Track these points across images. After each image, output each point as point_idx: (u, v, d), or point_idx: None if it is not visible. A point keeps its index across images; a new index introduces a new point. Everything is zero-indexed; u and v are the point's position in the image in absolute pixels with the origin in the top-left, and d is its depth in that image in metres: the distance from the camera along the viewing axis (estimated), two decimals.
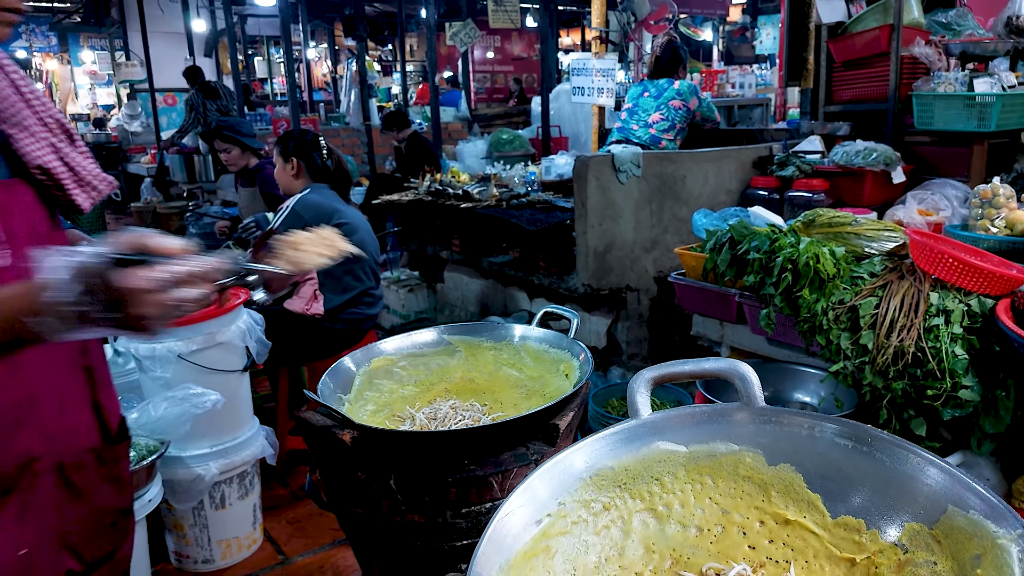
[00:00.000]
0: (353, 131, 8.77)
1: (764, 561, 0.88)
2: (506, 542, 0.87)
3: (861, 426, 0.87)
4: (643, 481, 0.96)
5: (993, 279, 2.03)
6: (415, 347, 1.76)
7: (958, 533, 0.76)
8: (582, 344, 1.62)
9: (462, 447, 1.33)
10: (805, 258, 2.22)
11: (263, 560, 2.76)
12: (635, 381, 1.02)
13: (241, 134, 4.30)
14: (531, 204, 3.86)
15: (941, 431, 2.16)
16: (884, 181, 3.44)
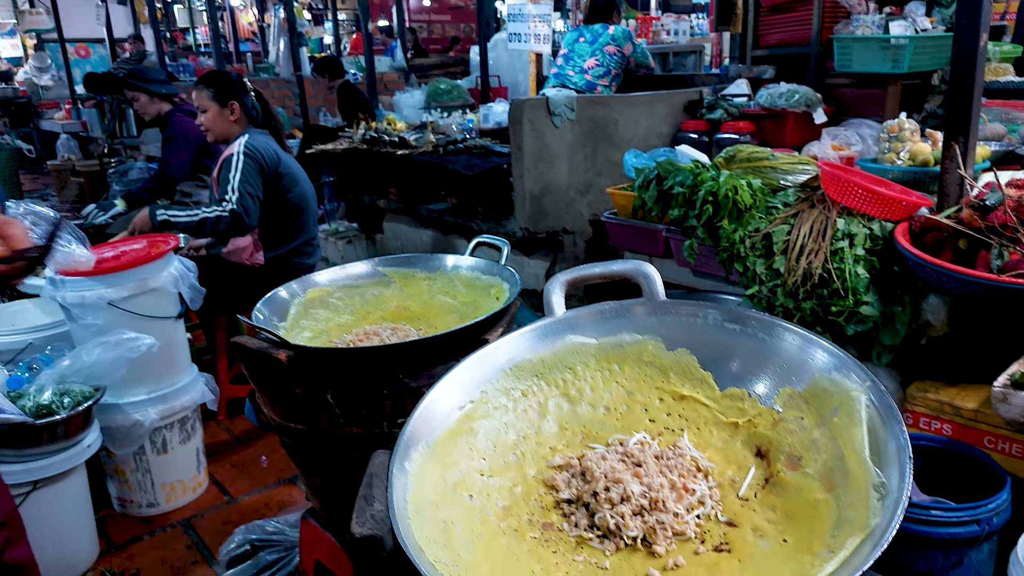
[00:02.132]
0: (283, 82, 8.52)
1: (662, 431, 0.99)
2: (431, 424, 0.95)
3: (740, 311, 0.98)
4: (558, 370, 1.05)
5: (893, 204, 2.19)
6: (350, 279, 1.81)
7: (822, 393, 0.88)
8: (512, 269, 1.70)
9: (396, 362, 1.41)
10: (725, 190, 2.35)
11: (209, 501, 2.81)
12: (551, 284, 1.10)
13: (146, 80, 4.14)
14: (468, 150, 3.89)
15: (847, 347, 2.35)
16: (806, 122, 3.60)
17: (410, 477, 0.87)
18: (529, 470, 0.96)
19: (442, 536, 0.82)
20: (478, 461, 0.95)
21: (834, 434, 0.83)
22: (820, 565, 0.66)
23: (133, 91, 4.13)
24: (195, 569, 2.46)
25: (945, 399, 2.05)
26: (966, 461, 1.94)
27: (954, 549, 1.67)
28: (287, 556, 2.03)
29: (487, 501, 0.90)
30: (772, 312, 2.34)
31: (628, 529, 0.83)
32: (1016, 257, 1.81)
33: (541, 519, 0.89)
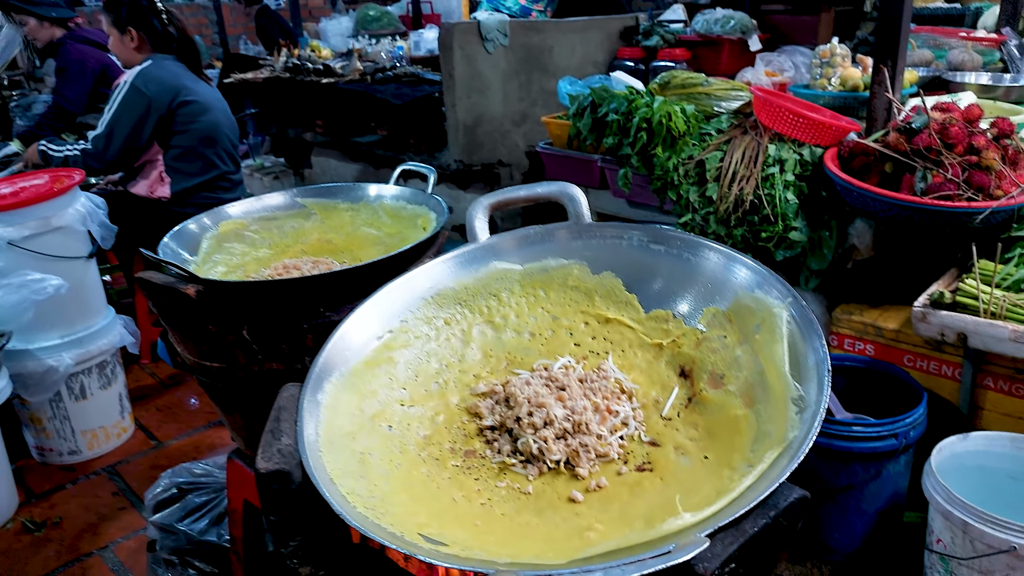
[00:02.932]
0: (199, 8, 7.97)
1: (587, 354, 0.97)
2: (347, 354, 0.90)
3: (664, 231, 0.95)
4: (482, 297, 1.01)
5: (823, 129, 2.20)
6: (266, 210, 1.71)
7: (744, 311, 0.87)
8: (439, 198, 1.63)
9: (316, 295, 1.34)
10: (659, 117, 2.31)
11: (135, 446, 2.72)
12: (473, 208, 1.05)
13: (32, 2, 3.78)
14: (397, 78, 3.72)
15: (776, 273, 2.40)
16: (741, 49, 3.57)
17: (323, 409, 0.82)
18: (452, 398, 0.93)
19: (358, 467, 0.78)
20: (398, 391, 0.91)
21: (756, 351, 0.82)
22: (739, 479, 0.65)
23: (19, 14, 3.76)
24: (122, 515, 2.39)
25: (868, 320, 2.11)
26: (886, 379, 2.02)
27: (873, 462, 1.74)
28: (216, 498, 1.98)
29: (407, 431, 0.87)
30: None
31: (551, 453, 0.81)
32: (939, 180, 1.84)
33: (463, 447, 0.86)
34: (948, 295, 1.81)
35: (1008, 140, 1.96)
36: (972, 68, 2.79)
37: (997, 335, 1.63)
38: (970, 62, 2.80)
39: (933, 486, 1.47)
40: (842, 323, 2.18)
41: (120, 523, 2.34)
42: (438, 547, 0.66)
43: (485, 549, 0.67)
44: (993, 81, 2.64)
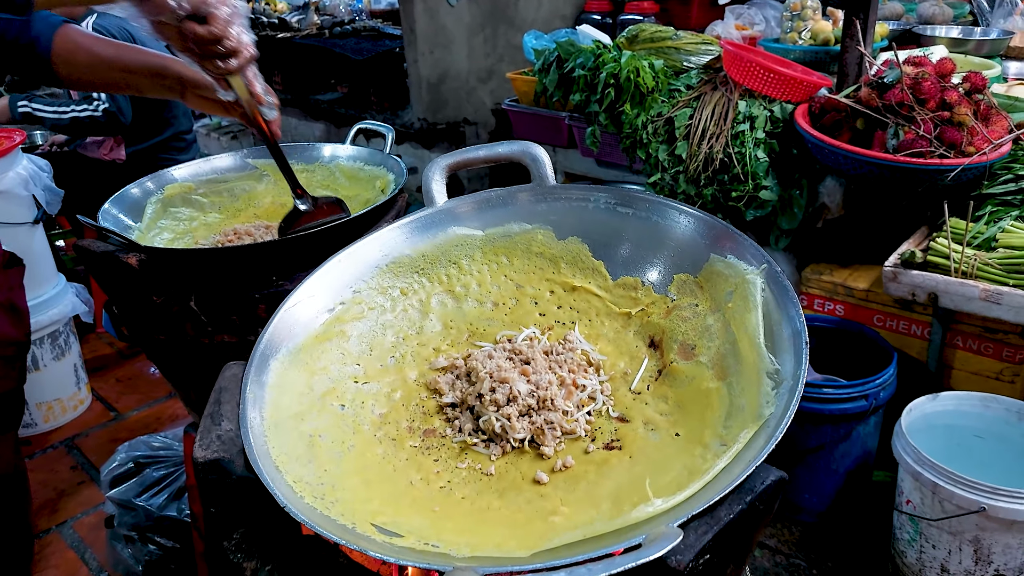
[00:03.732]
0: None
1: (552, 324, 0.92)
2: (295, 330, 0.84)
3: (631, 192, 0.90)
4: (441, 265, 0.95)
5: (794, 85, 2.15)
6: (215, 172, 1.61)
7: (716, 277, 0.82)
8: (397, 157, 1.55)
9: (268, 263, 1.27)
10: (626, 72, 2.23)
11: (93, 419, 2.63)
12: (430, 169, 0.98)
13: None
14: (356, 32, 3.57)
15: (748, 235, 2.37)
16: (710, 2, 3.47)
17: (268, 389, 0.77)
18: (410, 373, 0.87)
19: (306, 451, 0.73)
20: (351, 367, 0.85)
21: (728, 319, 0.77)
22: (712, 460, 0.61)
23: None
24: (81, 490, 2.32)
25: (838, 280, 2.10)
26: (857, 339, 2.02)
27: (844, 424, 1.74)
28: (176, 472, 1.92)
29: (361, 409, 0.82)
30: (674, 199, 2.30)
31: (515, 431, 0.76)
32: (911, 136, 1.81)
33: (422, 425, 0.82)
34: (919, 254, 1.79)
35: (980, 95, 1.93)
36: (943, 21, 2.76)
37: (968, 294, 1.62)
38: (940, 15, 2.76)
39: (903, 447, 1.47)
40: (812, 283, 2.17)
41: (79, 498, 2.27)
42: (392, 539, 0.61)
43: (443, 539, 0.62)
44: (964, 35, 2.61)
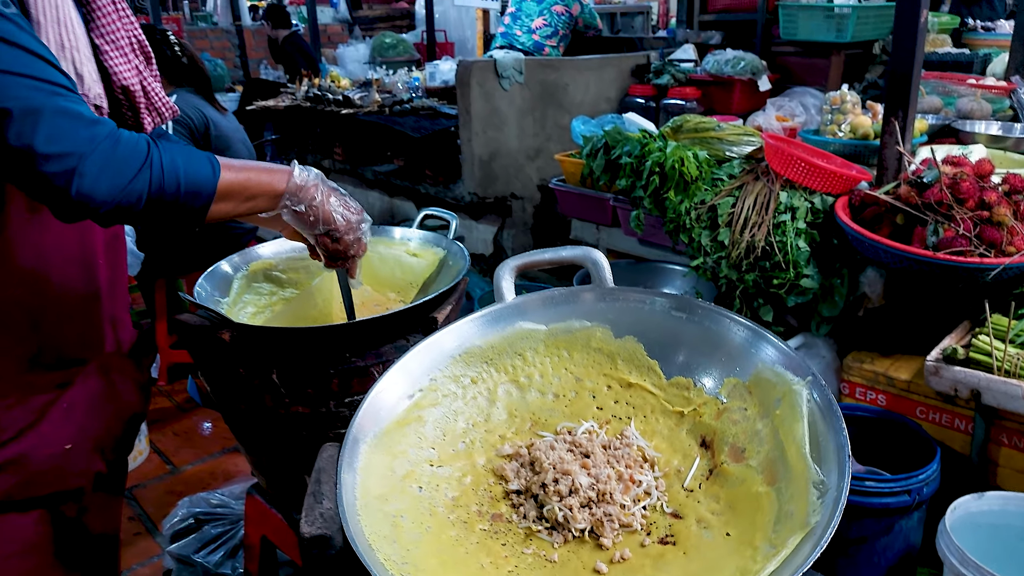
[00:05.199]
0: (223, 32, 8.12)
1: (610, 418, 1.00)
2: (380, 414, 0.94)
3: (685, 298, 0.99)
4: (507, 356, 1.05)
5: (834, 178, 2.24)
6: (294, 251, 1.75)
7: (765, 384, 0.90)
8: (460, 244, 1.67)
9: (342, 341, 1.38)
10: (671, 161, 2.36)
11: (151, 471, 2.75)
12: (500, 269, 1.09)
13: None
14: (415, 111, 3.79)
15: (788, 318, 2.42)
16: (751, 89, 3.63)
17: (358, 472, 0.86)
18: (478, 459, 0.96)
19: (391, 531, 0.81)
20: (427, 450, 0.94)
21: (776, 426, 0.85)
22: (762, 562, 0.68)
23: None
24: (138, 541, 2.41)
25: (880, 370, 2.13)
26: (899, 430, 2.03)
27: (886, 518, 1.75)
28: (232, 530, 2.00)
29: (436, 492, 0.90)
30: (716, 283, 2.38)
31: (576, 521, 0.84)
32: (951, 234, 1.88)
33: (490, 510, 0.90)
34: (960, 351, 1.83)
35: (1019, 195, 1.99)
36: (981, 117, 2.84)
37: (1011, 392, 1.65)
38: (979, 111, 2.84)
39: (947, 546, 1.49)
40: (853, 371, 2.20)
41: (136, 548, 2.37)
42: None
43: None
44: (1003, 131, 2.69)
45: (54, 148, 0.88)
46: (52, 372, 1.17)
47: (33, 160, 0.87)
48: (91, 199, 0.91)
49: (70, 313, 1.19)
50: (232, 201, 1.08)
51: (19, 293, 1.11)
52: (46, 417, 1.15)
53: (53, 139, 0.88)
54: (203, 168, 1.03)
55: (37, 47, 0.92)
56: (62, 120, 0.90)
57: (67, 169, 0.89)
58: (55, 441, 1.16)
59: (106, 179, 0.92)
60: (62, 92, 0.92)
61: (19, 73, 0.89)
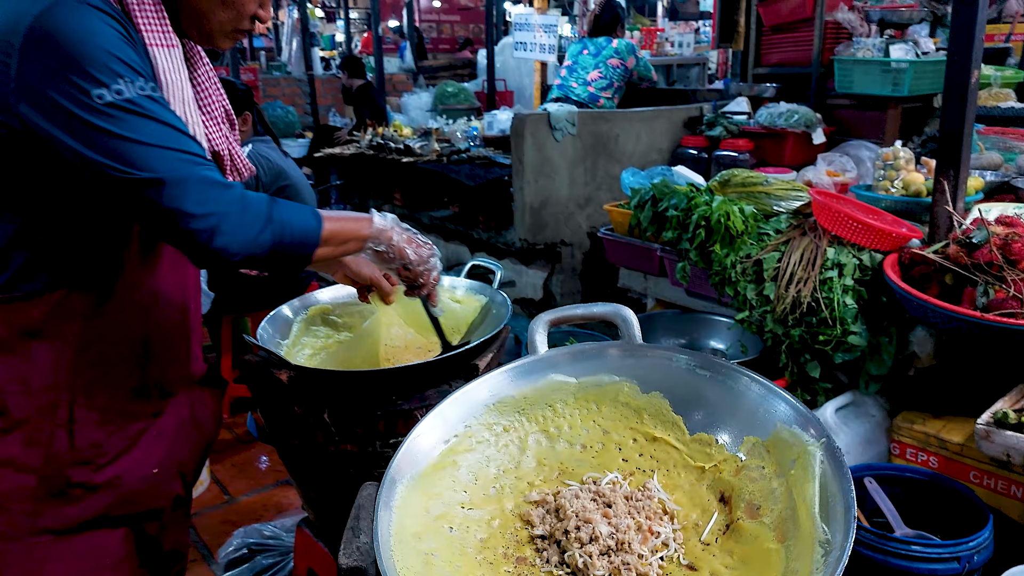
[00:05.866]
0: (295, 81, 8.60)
1: (634, 470, 1.05)
2: (418, 458, 1.01)
3: (710, 358, 1.04)
4: (539, 407, 1.11)
5: (883, 236, 2.24)
6: (350, 297, 1.86)
7: (782, 444, 0.94)
8: (503, 293, 1.76)
9: (390, 384, 1.47)
10: (717, 216, 2.40)
11: (209, 500, 2.88)
12: (535, 323, 1.16)
13: None
14: (471, 159, 3.94)
15: (838, 374, 2.40)
16: (805, 142, 3.64)
17: (395, 511, 0.93)
18: (507, 504, 1.02)
19: (423, 568, 0.88)
20: (460, 494, 1.01)
21: (790, 485, 0.88)
22: None
23: None
24: (193, 567, 2.52)
25: (931, 431, 2.08)
26: (950, 495, 1.97)
27: None
28: (282, 561, 2.09)
29: (466, 533, 0.96)
30: (762, 337, 2.39)
31: (595, 568, 0.89)
32: (1001, 296, 1.85)
33: (516, 553, 0.95)
34: (1012, 415, 1.79)
35: None
36: None
37: None
38: None
39: None
40: (903, 432, 2.16)
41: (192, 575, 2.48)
42: None
43: None
44: None
45: (198, 210, 1.05)
46: (150, 402, 1.31)
47: (181, 219, 1.04)
48: (227, 251, 1.08)
49: (169, 348, 1.34)
50: (330, 246, 1.24)
51: (134, 330, 1.26)
52: (139, 443, 1.28)
53: (198, 203, 1.05)
54: (309, 221, 1.19)
55: (178, 123, 1.09)
56: (204, 186, 1.06)
57: (209, 227, 1.05)
58: (146, 465, 1.28)
59: (239, 234, 1.08)
60: (200, 161, 1.08)
61: (168, 147, 1.05)
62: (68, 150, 1.02)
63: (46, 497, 1.17)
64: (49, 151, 1.04)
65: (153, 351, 1.29)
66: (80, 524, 1.21)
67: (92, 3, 1.04)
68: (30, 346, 1.13)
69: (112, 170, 1.02)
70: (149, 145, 1.03)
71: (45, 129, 1.01)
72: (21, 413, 1.14)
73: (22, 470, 1.15)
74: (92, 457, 1.21)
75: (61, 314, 1.14)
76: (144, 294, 1.25)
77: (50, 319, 1.13)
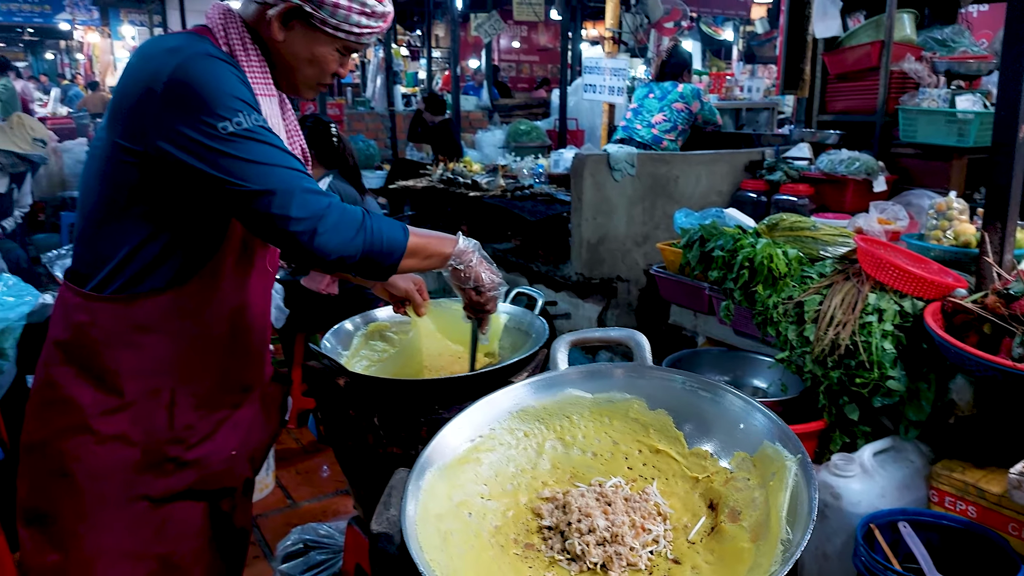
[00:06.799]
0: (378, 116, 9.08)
1: (636, 477, 1.17)
2: (445, 452, 1.17)
3: (709, 380, 1.16)
4: (557, 417, 1.25)
5: (924, 283, 2.28)
6: (405, 317, 2.06)
7: (766, 459, 1.05)
8: (543, 320, 1.91)
9: (432, 395, 1.63)
10: (760, 257, 2.49)
11: (273, 503, 3.11)
12: (557, 342, 1.31)
13: None
14: (534, 196, 4.14)
15: (882, 419, 2.42)
16: (866, 189, 3.66)
17: (422, 492, 1.08)
18: (521, 498, 1.16)
19: (441, 543, 1.03)
20: (480, 486, 1.16)
21: (768, 495, 0.99)
22: None
23: None
24: (255, 563, 2.74)
25: (970, 480, 2.09)
26: (986, 545, 1.98)
27: None
28: (334, 558, 2.27)
29: (482, 520, 1.11)
30: (802, 377, 2.44)
31: (591, 555, 1.01)
32: None
33: (524, 540, 1.09)
34: None
35: None
36: None
37: None
38: None
39: None
40: (943, 479, 2.16)
41: (254, 570, 2.68)
42: None
43: None
44: None
45: (302, 214, 1.24)
46: (232, 394, 1.52)
47: (288, 223, 1.23)
48: (324, 251, 1.26)
49: (249, 346, 1.56)
50: (416, 258, 1.39)
51: (226, 328, 1.48)
52: (221, 428, 1.49)
53: (301, 208, 1.24)
54: (398, 233, 1.36)
55: (282, 145, 1.32)
56: (307, 195, 1.26)
57: (310, 229, 1.24)
58: (225, 448, 1.49)
59: (336, 237, 1.27)
60: (302, 175, 1.30)
61: (277, 164, 1.26)
62: (196, 172, 1.25)
63: (145, 468, 1.39)
64: (177, 173, 1.27)
65: (238, 348, 1.51)
66: (172, 495, 1.42)
67: (215, 55, 1.29)
68: (143, 339, 1.36)
69: (231, 185, 1.23)
70: (262, 163, 1.24)
71: (178, 158, 1.25)
72: (132, 395, 1.36)
73: (129, 444, 1.37)
74: (185, 437, 1.42)
75: (171, 312, 1.37)
76: (236, 298, 1.47)
77: (161, 316, 1.36)
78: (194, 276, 1.38)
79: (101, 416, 1.35)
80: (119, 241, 1.32)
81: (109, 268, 1.33)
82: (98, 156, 1.33)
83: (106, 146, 1.31)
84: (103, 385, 1.35)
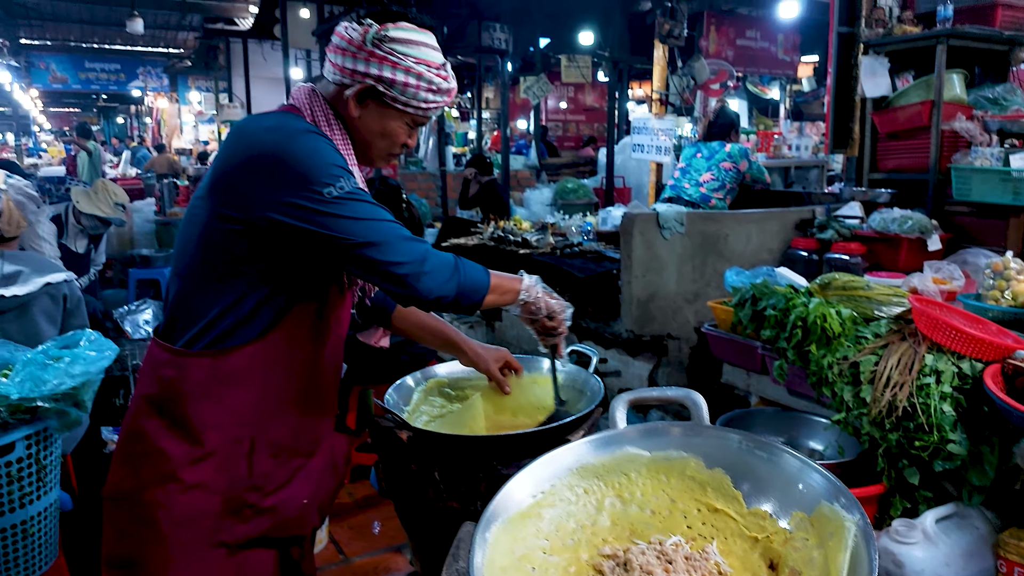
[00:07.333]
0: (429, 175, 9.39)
1: (696, 536, 1.20)
2: (509, 505, 1.22)
3: (765, 440, 1.19)
4: (615, 474, 1.29)
5: (983, 346, 2.25)
6: (463, 373, 2.13)
7: (824, 519, 1.07)
8: (598, 377, 1.96)
9: (492, 451, 1.69)
10: (813, 317, 2.50)
11: (327, 558, 3.15)
12: (616, 401, 1.36)
13: None
14: (583, 253, 4.22)
15: (945, 484, 2.36)
16: (920, 248, 3.64)
17: (488, 546, 1.13)
18: (582, 554, 1.20)
19: None
20: (542, 540, 1.20)
21: (827, 555, 1.01)
22: None
23: None
24: None
25: None
26: None
27: None
28: None
29: (545, 574, 1.15)
30: (859, 439, 2.41)
31: None
32: None
33: None
34: None
35: None
36: None
37: None
38: None
39: None
40: (1010, 548, 2.09)
41: None
42: None
43: None
44: None
45: (405, 259, 1.39)
46: (307, 444, 1.61)
47: (395, 267, 1.39)
48: (428, 291, 1.41)
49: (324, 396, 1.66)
50: (495, 295, 1.56)
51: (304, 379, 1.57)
52: (296, 477, 1.57)
53: (403, 254, 1.40)
54: (482, 274, 1.54)
55: (376, 202, 1.46)
56: (406, 243, 1.42)
57: (415, 272, 1.40)
58: (298, 496, 1.57)
59: (435, 279, 1.42)
60: (400, 226, 1.45)
61: (376, 219, 1.41)
62: (305, 233, 1.38)
63: (225, 515, 1.47)
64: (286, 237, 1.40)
65: (313, 399, 1.60)
66: (248, 541, 1.49)
67: (312, 130, 1.44)
68: (226, 391, 1.46)
69: (339, 240, 1.37)
70: (366, 219, 1.39)
71: (290, 224, 1.38)
72: (213, 445, 1.46)
73: (212, 492, 1.46)
74: (262, 484, 1.50)
75: (254, 364, 1.47)
76: (311, 352, 1.57)
77: (246, 368, 1.46)
78: (277, 329, 1.48)
79: (189, 465, 1.44)
80: (213, 300, 1.44)
81: (201, 325, 1.45)
82: (196, 222, 1.47)
83: (204, 213, 1.44)
84: (189, 436, 1.45)
